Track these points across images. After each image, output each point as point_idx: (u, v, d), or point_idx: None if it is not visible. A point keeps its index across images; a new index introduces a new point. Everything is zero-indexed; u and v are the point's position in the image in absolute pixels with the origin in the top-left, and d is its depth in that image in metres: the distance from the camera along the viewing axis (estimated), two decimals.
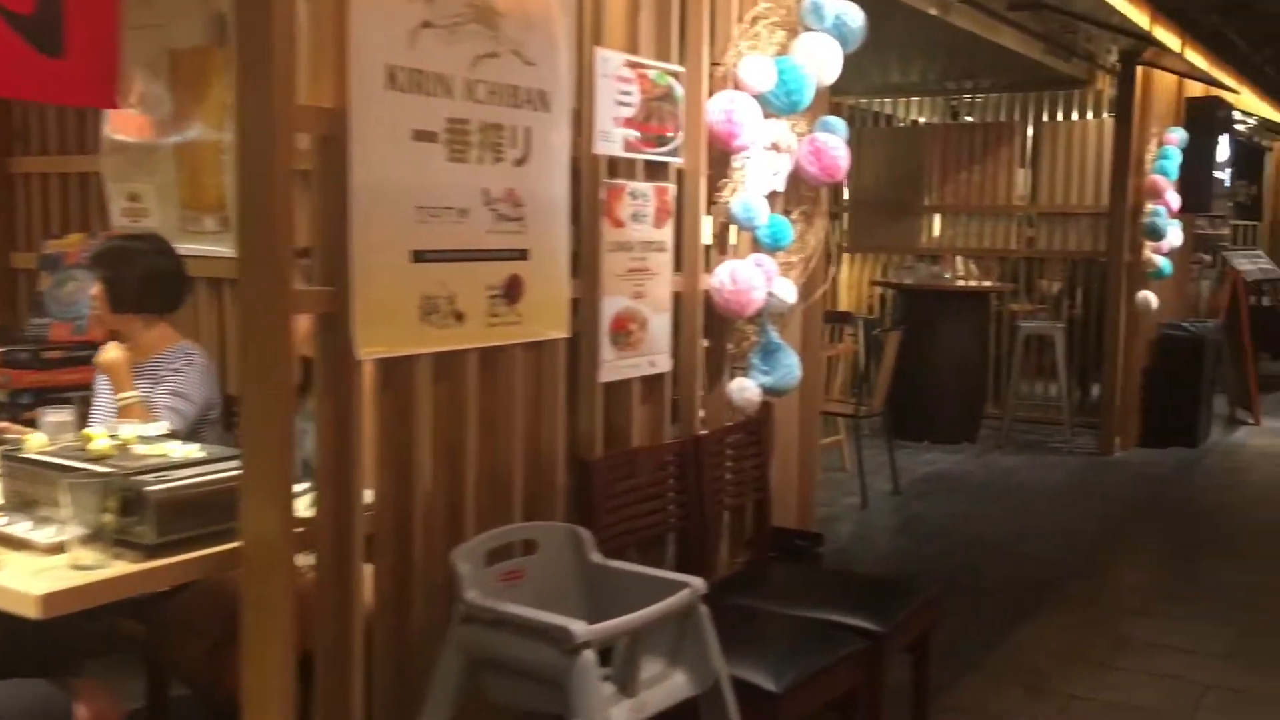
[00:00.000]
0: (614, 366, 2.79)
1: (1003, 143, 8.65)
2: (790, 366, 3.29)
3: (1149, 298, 7.41)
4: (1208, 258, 9.94)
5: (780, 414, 3.61)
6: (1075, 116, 8.37)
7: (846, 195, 9.33)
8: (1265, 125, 11.86)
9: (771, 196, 3.34)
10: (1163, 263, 7.48)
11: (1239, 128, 11.15)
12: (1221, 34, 8.65)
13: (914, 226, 9.03)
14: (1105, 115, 8.20)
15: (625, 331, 2.81)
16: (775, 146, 3.31)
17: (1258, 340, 10.28)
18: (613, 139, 2.72)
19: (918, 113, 9.40)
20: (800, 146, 3.40)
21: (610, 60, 2.70)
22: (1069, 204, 8.33)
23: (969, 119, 9.11)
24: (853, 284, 9.30)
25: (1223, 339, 8.74)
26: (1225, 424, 8.65)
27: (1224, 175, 8.62)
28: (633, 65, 2.77)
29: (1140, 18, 7.12)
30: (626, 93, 2.75)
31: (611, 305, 2.77)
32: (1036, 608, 4.40)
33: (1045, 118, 8.51)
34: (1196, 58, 8.53)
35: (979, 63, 7.84)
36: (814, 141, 3.39)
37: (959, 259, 8.87)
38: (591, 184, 2.72)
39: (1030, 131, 8.61)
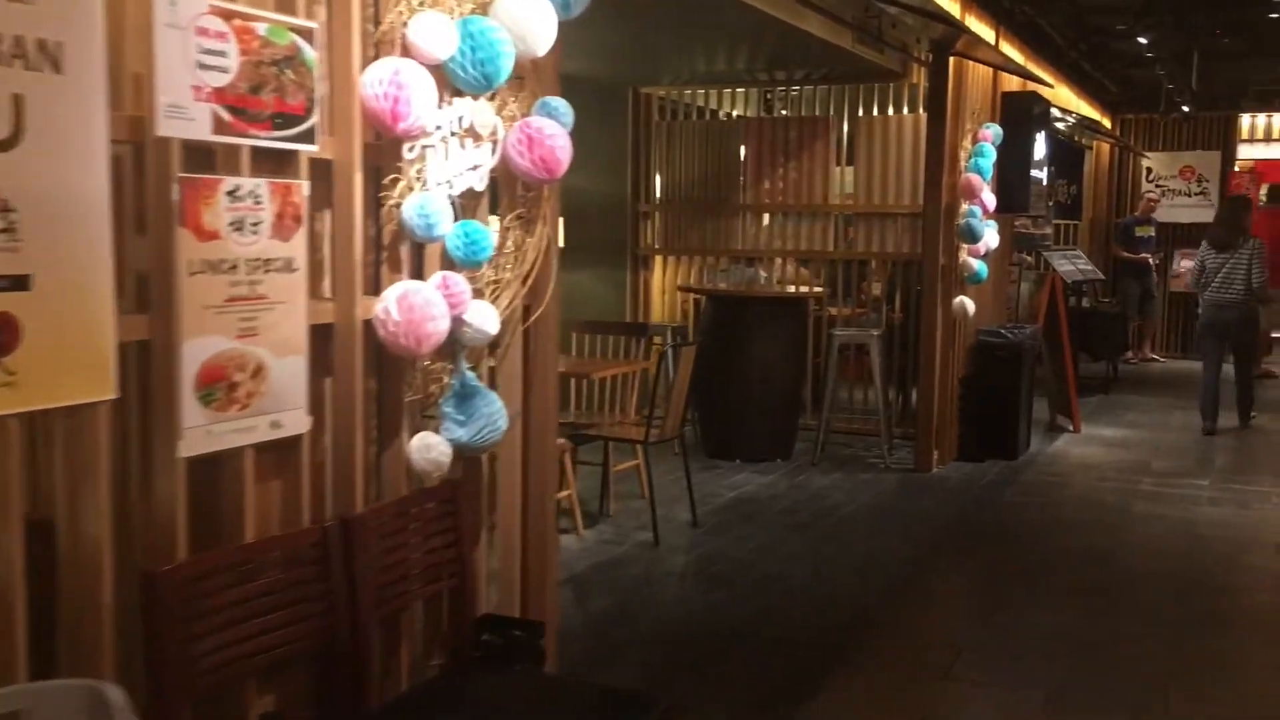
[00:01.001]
0: (205, 434, 2.01)
1: (818, 138, 8.15)
2: (492, 415, 2.56)
3: (965, 303, 7.00)
4: (1028, 259, 9.71)
5: (505, 464, 2.89)
6: (891, 112, 7.93)
7: (658, 193, 8.72)
8: (1084, 124, 11.80)
9: (476, 198, 2.62)
10: (979, 266, 7.08)
11: (1059, 126, 11.02)
12: (1036, 26, 8.36)
13: (729, 227, 8.47)
14: (921, 110, 7.77)
15: (225, 384, 2.04)
16: (473, 133, 2.59)
17: (1078, 342, 10.12)
18: (190, 115, 1.93)
19: (731, 105, 8.84)
20: (509, 135, 2.68)
21: (182, 4, 1.91)
22: (887, 204, 7.89)
23: (785, 112, 8.59)
24: (666, 289, 8.69)
25: (1042, 343, 8.47)
26: (1046, 432, 8.37)
27: (1042, 174, 8.33)
28: (226, 14, 1.99)
29: (951, 5, 6.68)
30: (215, 51, 1.97)
31: (199, 349, 1.99)
32: (829, 670, 3.81)
33: (861, 112, 8.05)
34: (1012, 51, 8.21)
35: (789, 52, 7.30)
36: (526, 128, 2.67)
37: (781, 262, 8.37)
38: (160, 179, 1.93)
39: (846, 127, 8.14)
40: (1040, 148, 8.14)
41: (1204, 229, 13.29)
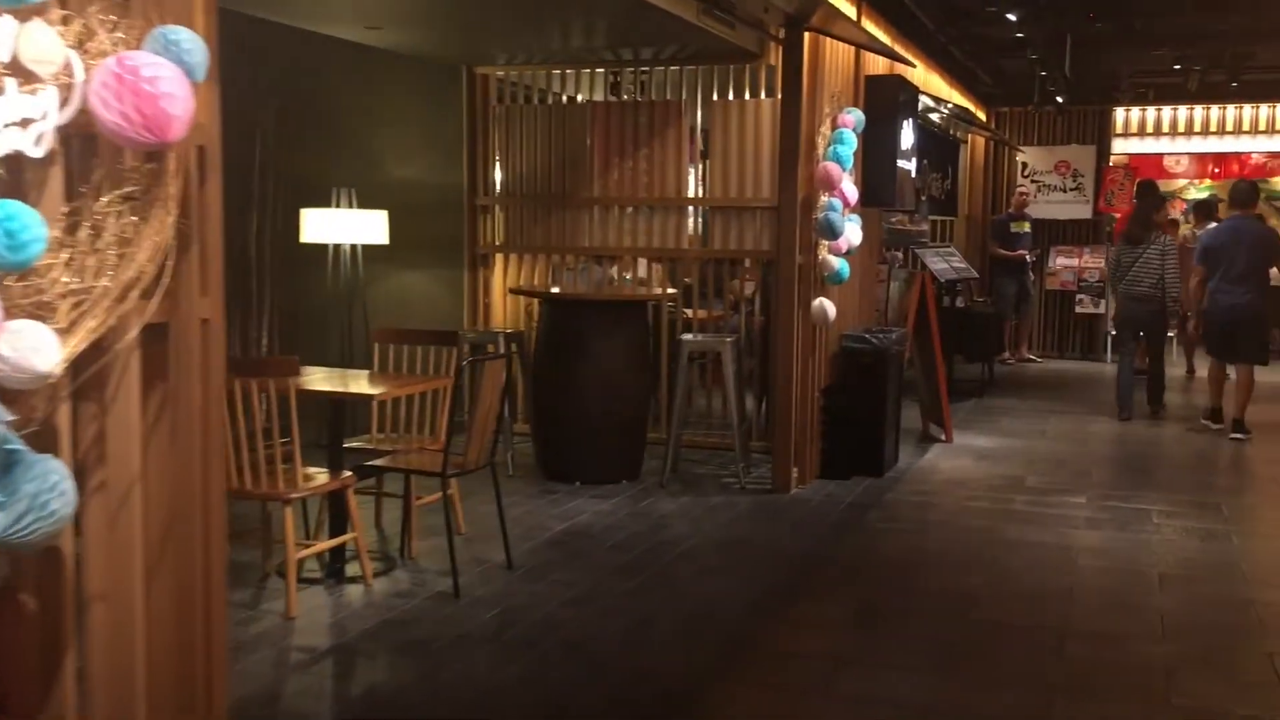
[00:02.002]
0: None
1: (670, 125, 7.42)
2: (39, 495, 1.71)
3: (825, 305, 6.34)
4: (899, 256, 9.15)
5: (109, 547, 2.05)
6: (748, 96, 7.23)
7: (498, 186, 7.89)
8: (958, 115, 11.33)
9: (38, 169, 1.77)
10: (840, 264, 6.42)
11: (933, 118, 10.51)
12: (902, 5, 7.76)
13: (577, 222, 7.68)
14: (780, 94, 7.09)
15: None
16: (24, 71, 1.74)
17: (952, 344, 9.61)
18: None
19: (577, 88, 8.05)
20: (93, 76, 1.83)
21: None
22: (745, 197, 7.20)
23: (634, 97, 7.83)
24: (509, 292, 7.85)
25: (914, 347, 7.89)
26: (918, 443, 7.79)
27: (911, 165, 7.74)
28: None
29: None
30: None
31: None
32: None
33: (715, 96, 7.34)
34: (877, 33, 7.59)
35: (633, 26, 6.55)
36: (117, 66, 1.83)
37: (642, 261, 7.62)
38: None
39: (700, 113, 7.43)
40: (908, 137, 7.55)
41: (1081, 225, 13.08)
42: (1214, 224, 9.25)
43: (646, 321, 6.75)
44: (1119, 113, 12.85)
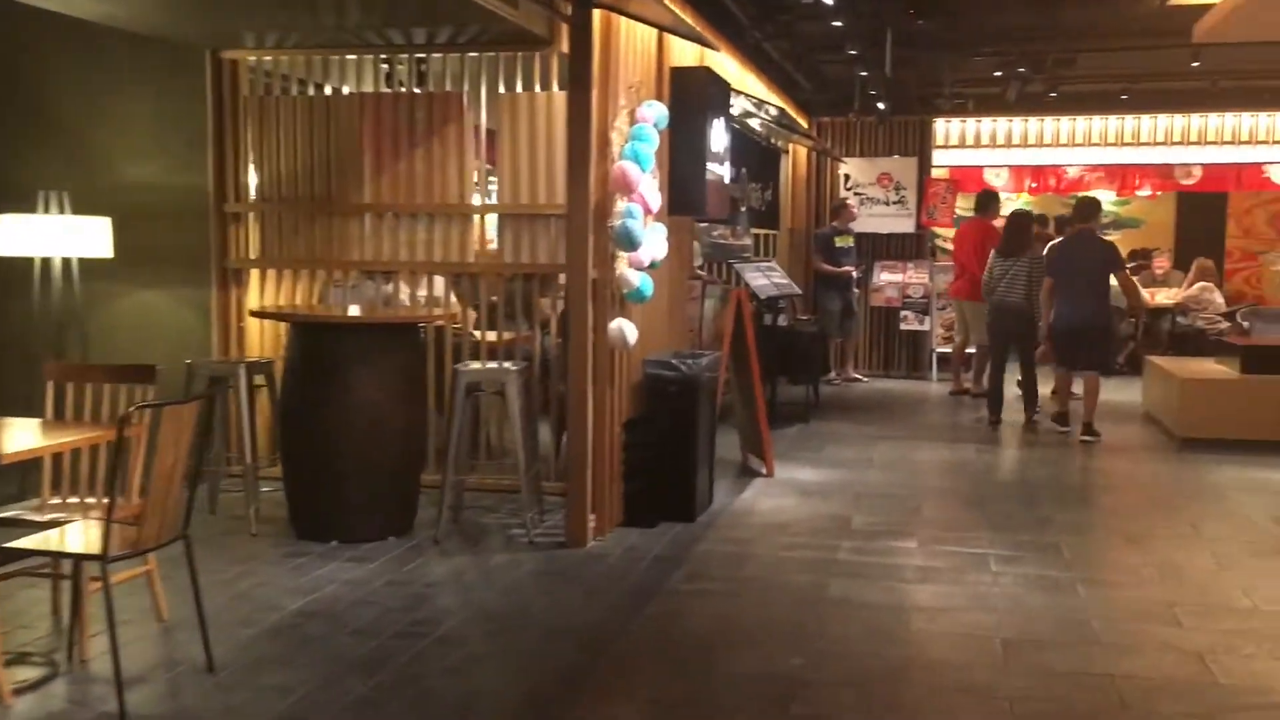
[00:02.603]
0: None
1: (451, 120, 6.45)
2: None
3: (624, 327, 5.47)
4: (703, 273, 8.41)
5: None
6: (539, 89, 6.33)
7: (252, 190, 6.76)
8: (780, 122, 10.74)
9: None
10: (641, 280, 5.57)
11: (753, 124, 9.87)
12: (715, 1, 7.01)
13: (347, 232, 6.62)
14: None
15: None
16: None
17: (775, 365, 8.94)
18: None
19: (343, 77, 6.97)
20: None
21: None
22: (536, 202, 6.29)
23: (417, 89, 6.81)
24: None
25: (731, 371, 7.14)
26: (736, 476, 7.03)
27: (724, 170, 6.99)
28: None
29: None
30: None
31: None
32: None
33: (503, 88, 6.42)
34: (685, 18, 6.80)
35: (399, 3, 5.59)
36: None
37: (435, 279, 6.61)
38: None
39: (486, 107, 6.49)
40: (720, 138, 6.80)
41: (904, 240, 12.70)
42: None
43: (419, 347, 5.75)
44: (939, 124, 12.53)
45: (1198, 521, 5.98)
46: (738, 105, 9.05)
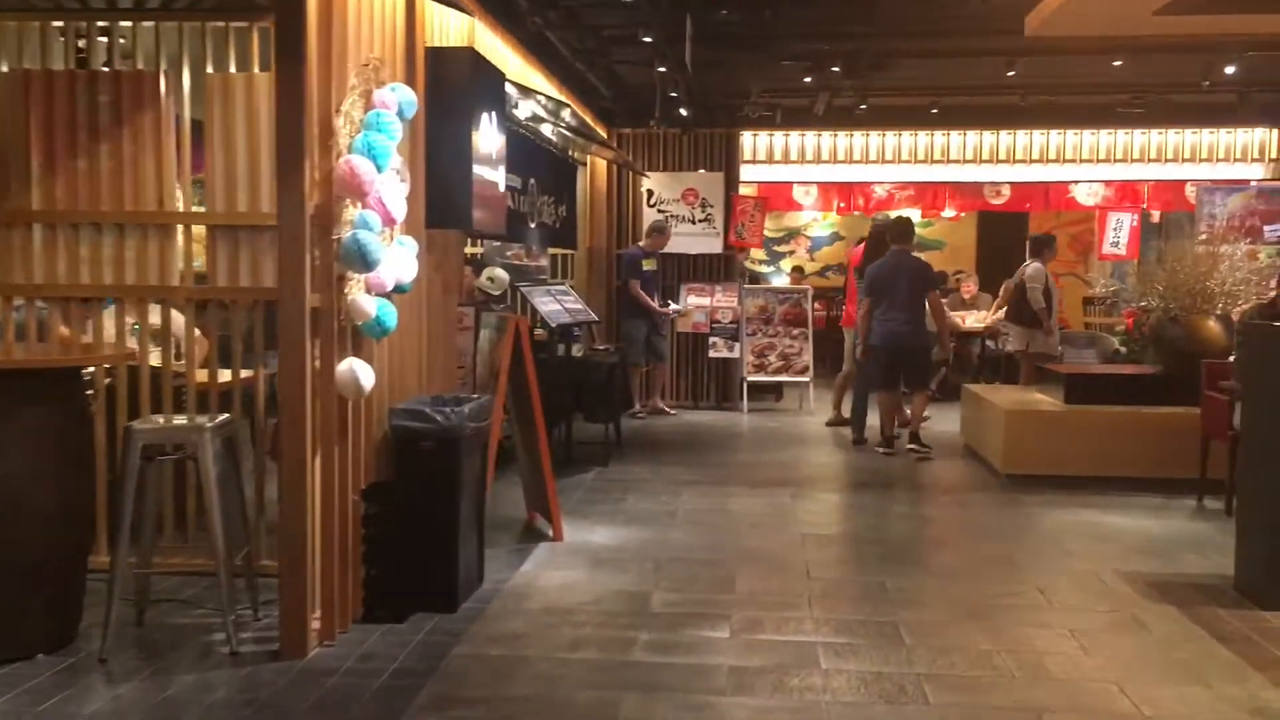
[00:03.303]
0: None
1: (146, 106, 5.08)
2: None
3: (356, 370, 4.24)
4: (490, 294, 7.26)
5: None
6: (258, 69, 5.04)
7: None
8: (578, 130, 9.71)
9: None
10: (380, 308, 4.36)
11: (546, 131, 8.79)
12: None
13: (7, 246, 5.14)
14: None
15: None
16: None
17: (569, 401, 7.86)
18: None
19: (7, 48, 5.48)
20: None
21: None
22: (258, 211, 4.99)
23: (103, 67, 5.39)
24: None
25: (511, 415, 6.01)
26: (518, 543, 5.88)
27: (499, 177, 5.86)
28: None
29: None
30: None
31: None
32: None
33: (211, 67, 5.09)
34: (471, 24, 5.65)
35: None
36: None
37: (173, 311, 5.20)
38: None
39: (190, 90, 5.14)
40: (493, 137, 5.67)
41: (712, 261, 11.85)
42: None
43: (78, 398, 4.34)
44: (747, 137, 11.77)
45: (1046, 585, 5.19)
46: (526, 108, 7.96)
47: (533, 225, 8.30)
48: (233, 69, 5.07)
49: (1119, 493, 7.22)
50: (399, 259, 4.53)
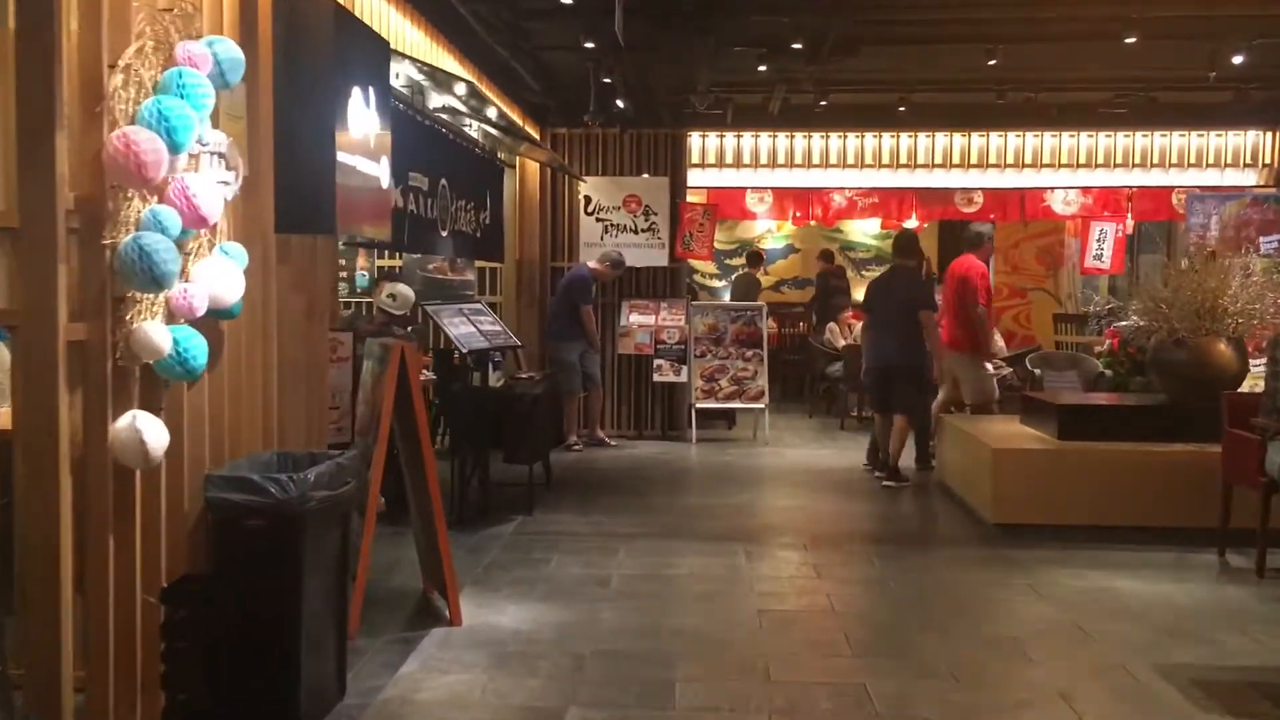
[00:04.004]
0: None
1: None
2: None
3: (141, 428, 3.03)
4: (390, 312, 6.08)
5: None
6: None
7: None
8: (506, 128, 8.58)
9: None
10: (182, 341, 3.16)
11: (468, 129, 7.66)
12: None
13: None
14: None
15: None
16: None
17: (485, 439, 6.71)
18: None
19: None
20: None
21: None
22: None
23: None
24: None
25: (404, 462, 4.84)
26: (404, 628, 4.69)
27: (381, 171, 4.70)
28: None
29: None
30: None
31: None
32: None
33: None
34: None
35: None
36: None
37: None
38: None
39: None
40: (369, 121, 4.50)
41: (657, 275, 10.76)
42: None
43: None
44: (695, 139, 10.68)
45: (1068, 687, 4.08)
46: (440, 98, 6.83)
47: (444, 234, 7.11)
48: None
49: (1125, 546, 6.17)
50: (219, 273, 3.35)
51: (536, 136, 9.91)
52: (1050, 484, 6.60)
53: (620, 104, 8.67)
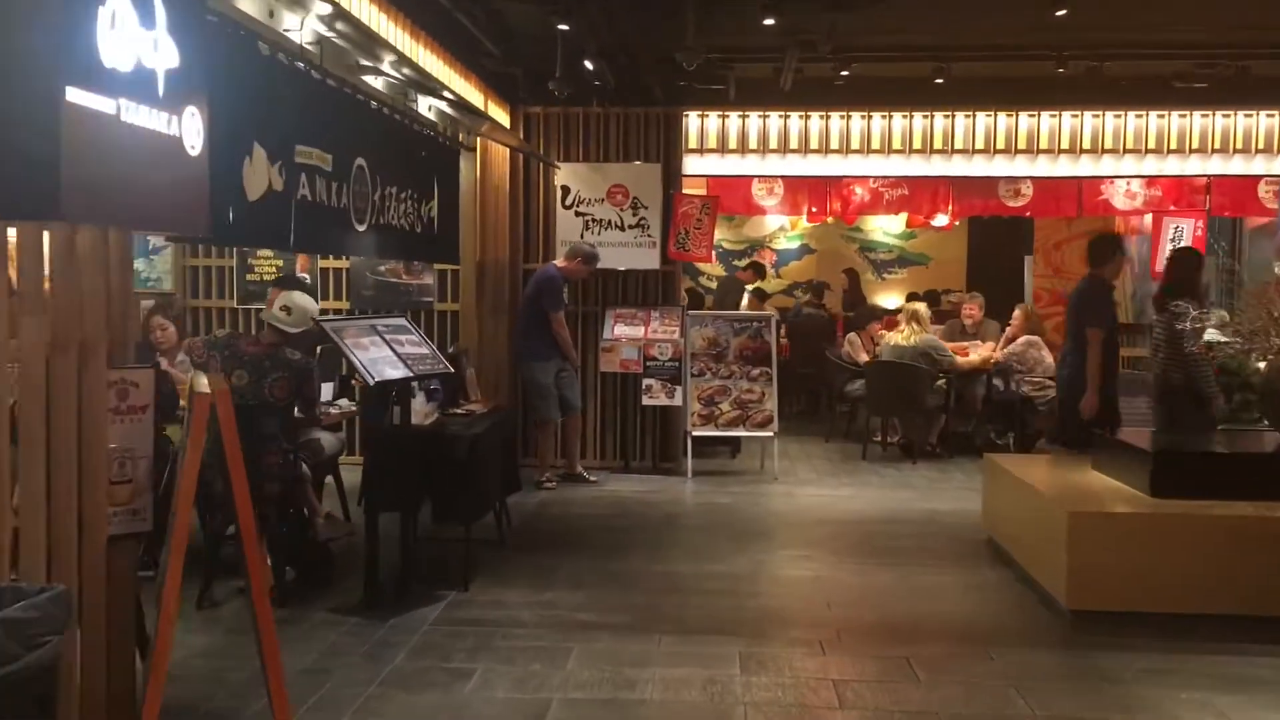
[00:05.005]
0: None
1: None
2: None
3: None
4: (284, 329, 4.55)
5: None
6: None
7: None
8: (460, 105, 7.07)
9: None
10: None
11: (418, 108, 6.18)
12: None
13: None
14: None
15: None
16: None
17: (410, 498, 5.20)
18: None
19: None
20: None
21: None
22: None
23: None
24: None
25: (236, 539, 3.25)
26: None
27: (190, 133, 3.15)
28: None
29: None
30: None
31: None
32: None
33: None
34: None
35: None
36: None
37: None
38: None
39: None
40: (161, 46, 2.96)
41: (647, 279, 9.14)
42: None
43: None
44: (692, 119, 9.10)
45: None
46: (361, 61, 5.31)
47: (361, 228, 5.56)
48: None
49: (1245, 644, 4.59)
50: None
51: (503, 115, 8.35)
52: (1142, 559, 4.99)
53: (590, 65, 7.09)
